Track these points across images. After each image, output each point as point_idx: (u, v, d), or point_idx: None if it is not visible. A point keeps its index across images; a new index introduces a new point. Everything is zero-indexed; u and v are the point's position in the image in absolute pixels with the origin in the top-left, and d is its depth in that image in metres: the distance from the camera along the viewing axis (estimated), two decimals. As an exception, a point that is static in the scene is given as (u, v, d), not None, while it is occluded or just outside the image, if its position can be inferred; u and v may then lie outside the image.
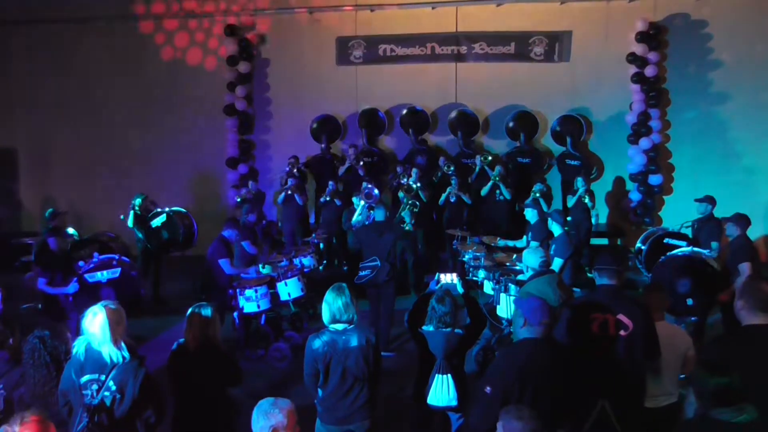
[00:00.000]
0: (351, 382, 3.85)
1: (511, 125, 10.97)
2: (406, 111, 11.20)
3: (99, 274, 6.98)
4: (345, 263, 9.94)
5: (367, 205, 7.94)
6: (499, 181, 9.60)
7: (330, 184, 9.88)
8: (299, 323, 7.63)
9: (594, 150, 11.18)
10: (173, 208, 9.47)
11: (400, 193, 9.36)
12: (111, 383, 3.45)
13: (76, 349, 3.54)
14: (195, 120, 11.95)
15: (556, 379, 3.37)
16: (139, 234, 8.91)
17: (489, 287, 6.93)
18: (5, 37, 12.17)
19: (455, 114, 11.08)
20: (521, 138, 10.85)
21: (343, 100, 11.57)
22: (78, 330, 3.63)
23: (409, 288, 9.06)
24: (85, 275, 6.84)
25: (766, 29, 10.36)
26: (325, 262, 8.73)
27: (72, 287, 6.47)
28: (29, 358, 3.67)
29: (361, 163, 10.67)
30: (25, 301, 7.41)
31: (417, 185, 9.26)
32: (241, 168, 11.73)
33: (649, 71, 10.48)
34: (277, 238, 10.14)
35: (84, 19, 11.85)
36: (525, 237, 7.63)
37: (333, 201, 9.73)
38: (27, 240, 10.38)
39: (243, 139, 11.85)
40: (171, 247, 9.01)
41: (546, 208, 8.42)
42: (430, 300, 4.51)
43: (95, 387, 3.46)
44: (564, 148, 10.83)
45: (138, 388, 3.47)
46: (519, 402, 3.18)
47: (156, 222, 9.01)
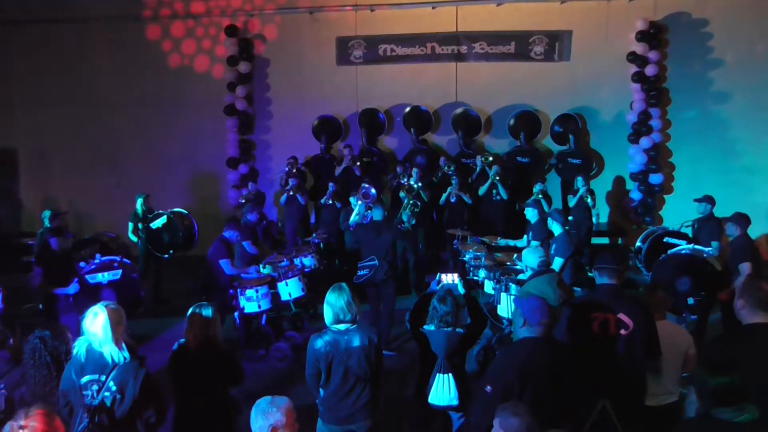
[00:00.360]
0: (353, 382, 3.86)
1: (513, 125, 10.97)
2: (408, 109, 11.17)
3: (100, 275, 6.97)
4: (341, 263, 9.92)
5: (365, 205, 7.93)
6: (498, 181, 9.61)
7: (330, 185, 9.87)
8: (300, 323, 7.63)
9: (594, 149, 11.18)
10: (173, 209, 9.45)
11: (401, 193, 9.36)
12: (111, 383, 3.45)
13: (76, 350, 3.54)
14: (195, 120, 11.93)
15: (556, 379, 3.37)
16: (140, 236, 8.93)
17: (489, 287, 6.94)
18: (5, 37, 12.15)
19: (457, 113, 11.08)
20: (521, 137, 10.85)
21: (343, 100, 11.56)
22: (78, 330, 3.63)
23: (410, 288, 9.06)
24: (86, 276, 6.83)
25: (766, 28, 10.35)
26: (326, 262, 8.72)
27: (73, 288, 6.47)
28: (30, 358, 3.67)
29: (358, 164, 10.65)
30: (26, 301, 7.43)
31: (418, 185, 9.26)
32: (242, 168, 11.72)
33: (650, 70, 10.47)
34: (278, 238, 10.14)
35: (84, 20, 11.86)
36: (525, 236, 7.63)
37: (333, 202, 9.71)
38: (28, 241, 10.37)
39: (243, 139, 11.85)
40: (171, 249, 9.00)
41: (547, 208, 8.42)
42: (431, 300, 4.52)
43: (95, 387, 3.45)
44: (564, 147, 10.83)
45: (138, 388, 3.47)
46: (519, 401, 3.18)
47: (156, 224, 9.00)
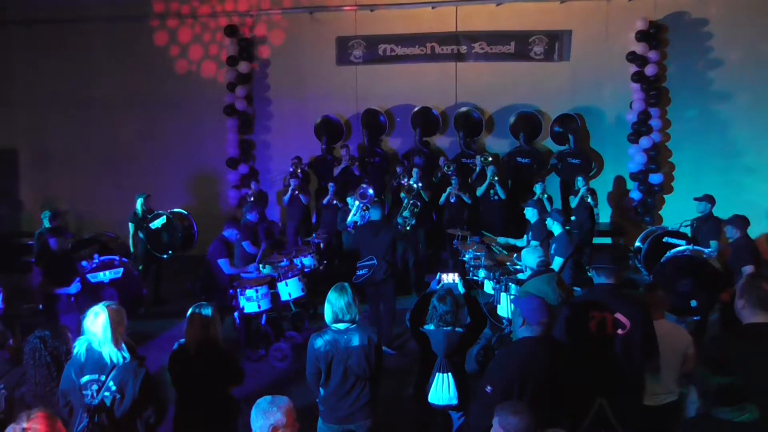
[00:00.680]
0: (353, 381, 3.86)
1: (513, 125, 10.96)
2: (417, 109, 11.12)
3: (101, 274, 6.97)
4: (341, 263, 9.91)
5: (362, 205, 7.92)
6: (496, 182, 9.60)
7: (330, 185, 9.87)
8: (300, 323, 7.63)
9: (594, 149, 11.18)
10: (173, 209, 9.45)
11: (401, 194, 9.36)
12: (111, 383, 3.45)
13: (76, 350, 3.54)
14: (195, 120, 11.94)
15: (555, 378, 3.38)
16: (139, 240, 8.93)
17: (489, 287, 6.95)
18: (5, 37, 12.16)
19: (458, 114, 11.07)
20: (521, 138, 10.84)
21: (343, 100, 11.55)
22: (79, 330, 3.63)
23: (411, 288, 9.06)
24: (88, 275, 6.83)
25: (766, 28, 10.34)
26: (326, 262, 8.71)
27: (74, 287, 6.46)
28: (30, 358, 3.67)
29: (357, 164, 10.65)
30: (26, 301, 7.42)
31: (418, 185, 9.25)
32: (242, 168, 11.72)
33: (650, 70, 10.46)
34: (279, 238, 10.14)
35: (84, 19, 11.86)
36: (525, 236, 7.63)
37: (335, 203, 9.71)
38: (28, 241, 10.36)
39: (243, 140, 11.85)
40: (169, 250, 9.00)
41: (549, 208, 8.43)
42: (431, 299, 4.52)
43: (95, 387, 3.46)
44: (564, 147, 10.82)
45: (138, 388, 3.47)
46: (518, 401, 3.18)
47: (156, 224, 9.00)
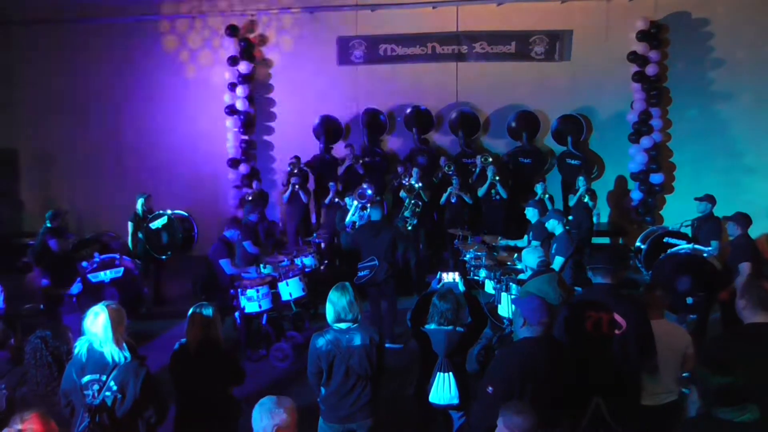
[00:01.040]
0: (354, 380, 3.86)
1: (513, 125, 10.96)
2: (410, 110, 11.16)
3: (102, 273, 6.98)
4: (341, 263, 9.91)
5: (360, 205, 7.91)
6: (497, 181, 9.59)
7: (331, 185, 9.86)
8: (301, 323, 7.63)
9: (595, 149, 11.18)
10: (175, 210, 9.44)
11: (402, 193, 9.35)
12: (112, 383, 3.45)
13: (77, 350, 3.55)
14: (196, 120, 11.95)
15: (555, 378, 3.38)
16: (139, 240, 8.93)
17: (490, 286, 6.95)
18: (5, 37, 12.17)
19: (456, 114, 11.07)
20: (523, 138, 10.84)
21: (344, 99, 11.56)
22: (81, 330, 3.63)
23: (412, 288, 9.05)
24: (88, 275, 6.84)
25: (766, 27, 10.34)
26: (327, 261, 8.71)
27: (75, 287, 6.47)
28: (31, 358, 3.67)
29: (361, 162, 10.64)
30: (27, 301, 7.43)
31: (418, 185, 9.25)
32: (242, 168, 11.72)
33: (650, 70, 10.46)
34: (280, 237, 10.13)
35: (84, 19, 11.86)
36: (526, 236, 7.63)
37: (338, 202, 9.71)
38: (28, 241, 10.36)
39: (244, 139, 11.85)
40: (169, 251, 8.99)
41: (550, 207, 8.42)
42: (432, 299, 4.51)
43: (96, 387, 3.46)
44: (564, 147, 10.82)
45: (139, 388, 3.47)
46: (519, 400, 3.19)
47: (156, 224, 9.00)
